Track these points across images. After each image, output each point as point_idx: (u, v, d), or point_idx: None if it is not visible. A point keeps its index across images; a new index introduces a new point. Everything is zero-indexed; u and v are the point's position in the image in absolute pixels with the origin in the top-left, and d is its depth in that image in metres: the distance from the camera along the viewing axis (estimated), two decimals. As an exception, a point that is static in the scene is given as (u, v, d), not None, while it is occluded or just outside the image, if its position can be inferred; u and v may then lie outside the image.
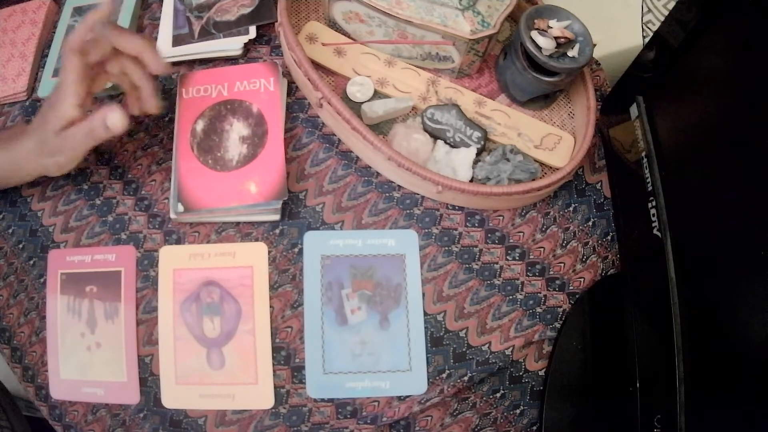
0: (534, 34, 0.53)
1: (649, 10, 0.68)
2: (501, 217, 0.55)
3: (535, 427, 0.53)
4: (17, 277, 0.55)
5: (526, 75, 0.55)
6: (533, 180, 0.54)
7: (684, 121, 0.47)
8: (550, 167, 0.57)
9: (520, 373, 0.53)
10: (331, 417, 0.50)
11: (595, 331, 0.54)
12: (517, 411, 0.53)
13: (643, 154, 0.49)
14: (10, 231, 0.56)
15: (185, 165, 0.52)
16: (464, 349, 0.51)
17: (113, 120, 0.45)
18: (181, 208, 0.50)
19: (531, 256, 0.55)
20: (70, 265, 0.53)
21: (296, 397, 0.50)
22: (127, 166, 0.57)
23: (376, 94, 0.58)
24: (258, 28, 0.60)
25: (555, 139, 0.57)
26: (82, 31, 0.44)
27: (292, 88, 0.59)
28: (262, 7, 0.60)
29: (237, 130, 0.53)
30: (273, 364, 0.50)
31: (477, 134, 0.55)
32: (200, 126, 0.54)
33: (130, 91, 0.50)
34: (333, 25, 0.60)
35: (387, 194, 0.55)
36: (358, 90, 0.57)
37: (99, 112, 0.45)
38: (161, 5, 0.63)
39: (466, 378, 0.50)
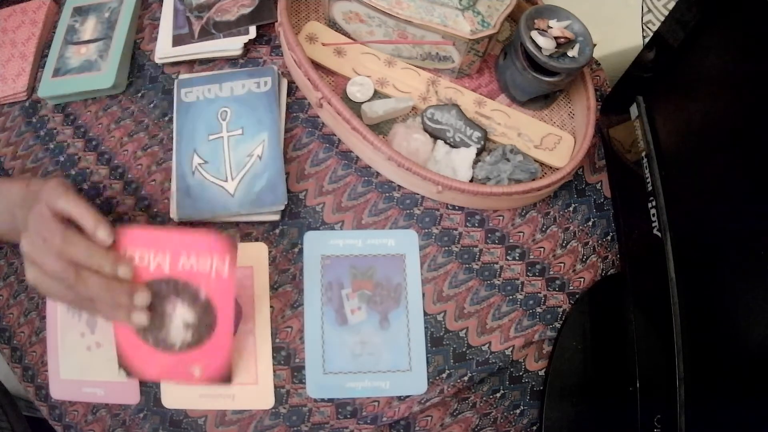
0: (534, 34, 0.53)
1: (649, 10, 0.68)
2: (501, 217, 0.55)
3: (535, 427, 0.53)
4: (17, 277, 0.55)
5: (526, 75, 0.55)
6: (533, 180, 0.54)
7: (684, 121, 0.47)
8: (550, 167, 0.57)
9: (520, 373, 0.53)
10: (331, 417, 0.50)
11: (595, 331, 0.54)
12: (517, 411, 0.53)
13: (643, 154, 0.49)
14: (10, 231, 0.56)
15: (123, 334, 0.44)
16: (464, 349, 0.51)
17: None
18: (123, 374, 0.45)
19: (531, 256, 0.55)
20: (70, 266, 0.53)
21: (296, 397, 0.50)
22: (127, 166, 0.57)
23: (376, 94, 0.58)
24: (258, 28, 0.59)
25: (555, 139, 0.57)
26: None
27: (292, 88, 0.58)
28: (262, 7, 0.59)
29: (181, 314, 0.44)
30: (273, 364, 0.50)
31: (477, 134, 0.55)
32: None
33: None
34: (333, 25, 0.60)
35: (387, 194, 0.55)
36: (358, 90, 0.57)
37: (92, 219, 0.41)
38: (161, 5, 0.63)
39: (466, 378, 0.50)
